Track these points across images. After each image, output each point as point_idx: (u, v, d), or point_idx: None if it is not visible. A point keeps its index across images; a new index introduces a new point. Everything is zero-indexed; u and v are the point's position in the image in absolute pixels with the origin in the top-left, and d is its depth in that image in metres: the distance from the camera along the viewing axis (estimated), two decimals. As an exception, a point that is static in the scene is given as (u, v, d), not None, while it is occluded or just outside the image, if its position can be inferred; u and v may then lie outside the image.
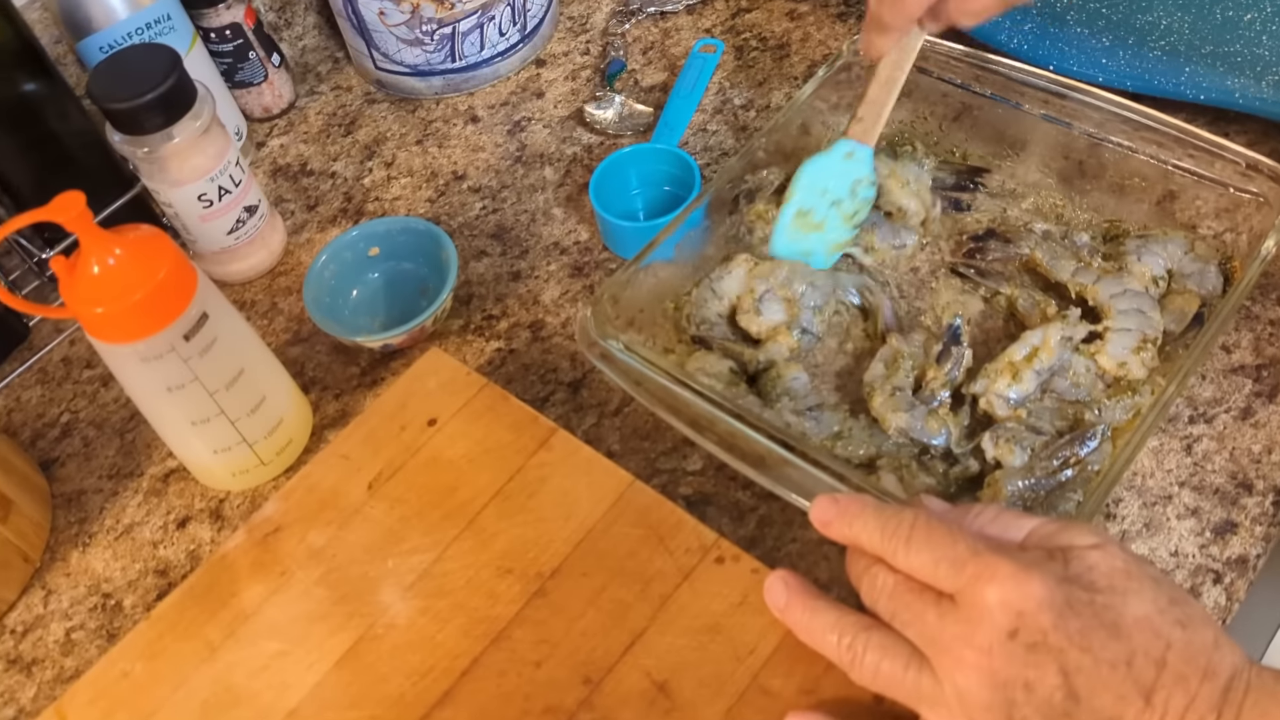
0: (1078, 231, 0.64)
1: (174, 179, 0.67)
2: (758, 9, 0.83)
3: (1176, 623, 0.42)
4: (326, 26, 0.88)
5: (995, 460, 0.54)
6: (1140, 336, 0.58)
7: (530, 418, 0.59)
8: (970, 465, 0.55)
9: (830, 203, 0.63)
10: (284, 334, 0.71)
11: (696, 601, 0.52)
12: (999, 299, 0.63)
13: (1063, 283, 0.62)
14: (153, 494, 0.65)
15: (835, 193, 0.63)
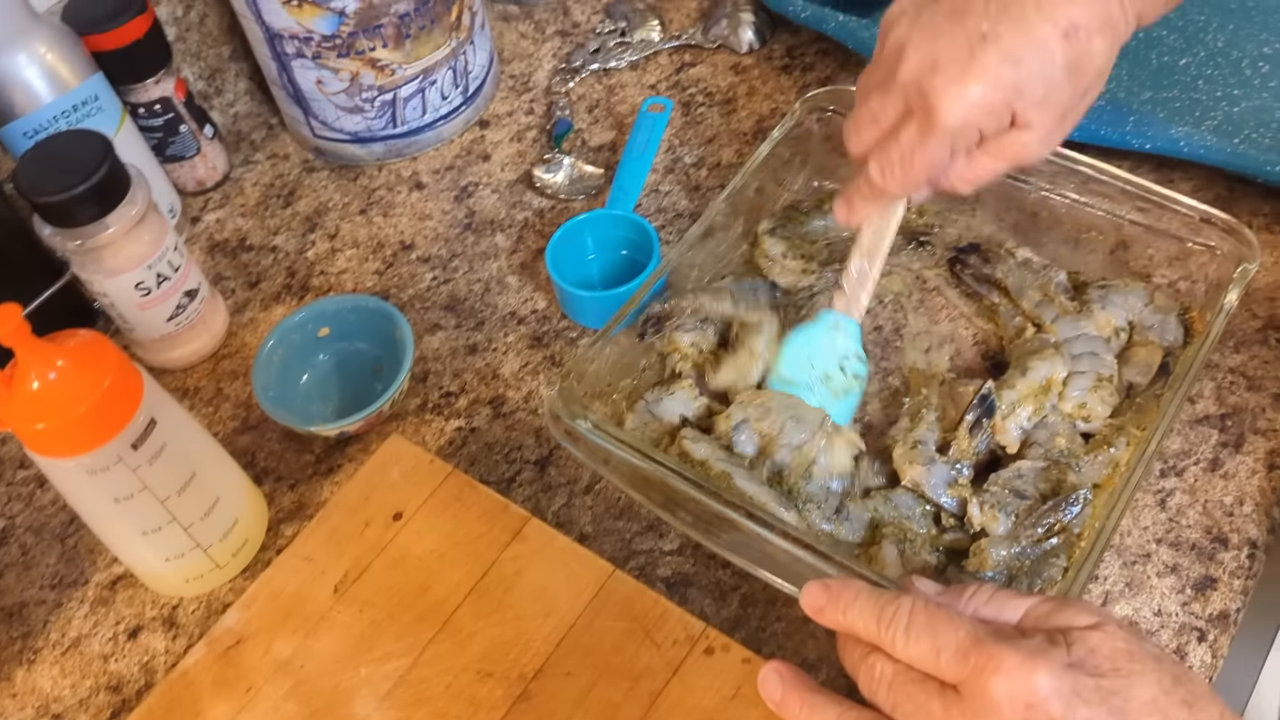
0: (1057, 269, 0.64)
1: (109, 269, 0.64)
2: (701, 63, 0.83)
3: (1183, 703, 0.41)
4: (259, 92, 0.85)
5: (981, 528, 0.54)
6: (1095, 376, 0.58)
7: (500, 507, 0.58)
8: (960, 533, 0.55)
9: (818, 377, 0.60)
10: (231, 422, 0.68)
11: (688, 697, 0.50)
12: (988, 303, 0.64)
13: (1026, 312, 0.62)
14: (100, 603, 0.61)
15: (822, 367, 0.60)
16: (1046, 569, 0.53)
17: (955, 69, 0.48)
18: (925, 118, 0.49)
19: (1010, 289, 0.64)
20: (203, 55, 0.81)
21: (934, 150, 0.50)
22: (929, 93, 0.48)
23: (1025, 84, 0.48)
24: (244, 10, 0.73)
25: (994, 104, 0.48)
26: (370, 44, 0.73)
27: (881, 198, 0.55)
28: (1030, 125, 0.50)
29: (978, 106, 0.48)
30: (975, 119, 0.49)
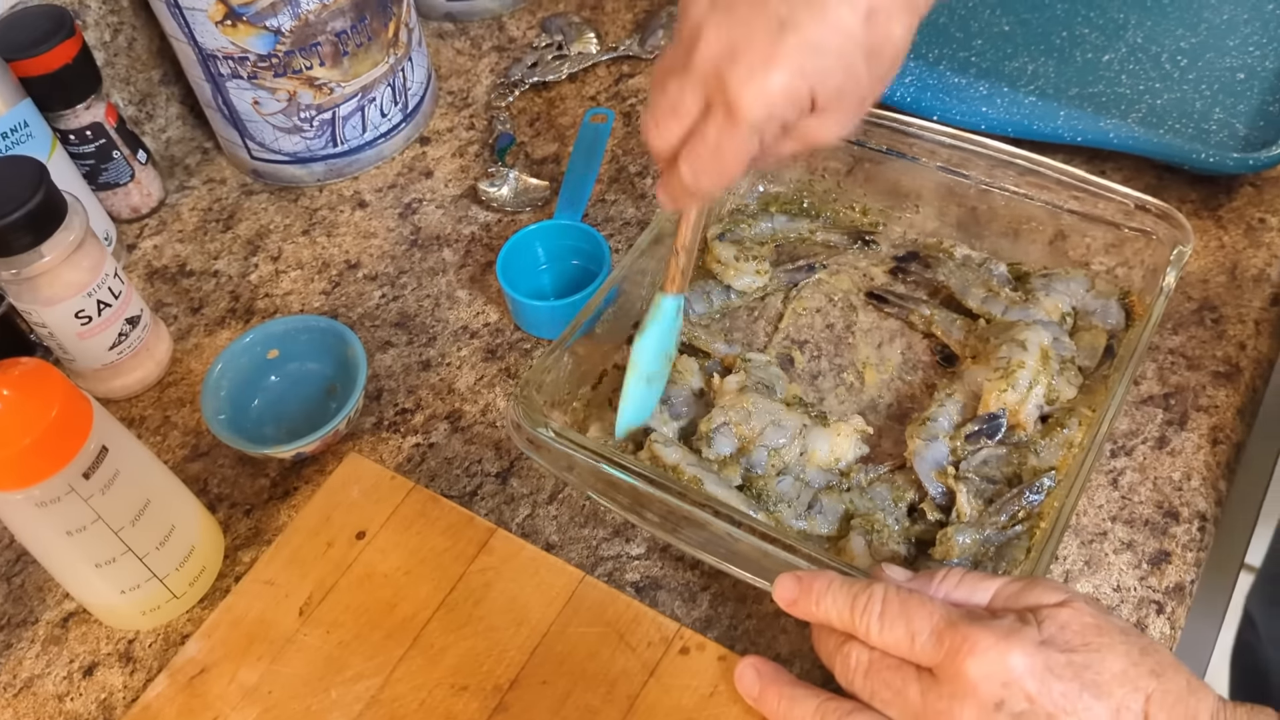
0: (996, 262, 0.65)
1: (47, 297, 0.62)
2: (640, 74, 0.83)
3: (1151, 673, 0.43)
4: (191, 116, 0.84)
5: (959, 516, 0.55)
6: (1059, 358, 0.60)
7: (465, 519, 0.57)
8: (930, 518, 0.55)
9: (667, 358, 0.60)
10: (181, 450, 0.66)
11: (666, 698, 0.50)
12: (917, 318, 0.65)
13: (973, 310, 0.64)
14: (51, 642, 0.59)
15: (671, 349, 0.60)
16: (1010, 552, 0.54)
17: (756, 58, 0.45)
18: (728, 113, 0.46)
19: (954, 290, 0.65)
20: (132, 80, 0.79)
21: (742, 146, 0.48)
22: (729, 85, 0.46)
23: (826, 72, 0.46)
24: (175, 33, 0.72)
25: (796, 93, 0.46)
26: (307, 62, 0.72)
27: (699, 195, 0.52)
28: (828, 110, 0.48)
29: (780, 97, 0.46)
30: (778, 111, 0.47)
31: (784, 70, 0.45)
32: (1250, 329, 0.63)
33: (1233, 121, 0.72)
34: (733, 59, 0.46)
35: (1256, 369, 0.62)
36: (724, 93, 0.46)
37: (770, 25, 0.45)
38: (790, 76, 0.46)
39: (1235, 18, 0.77)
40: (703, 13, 0.47)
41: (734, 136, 0.47)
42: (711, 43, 0.46)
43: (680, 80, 0.48)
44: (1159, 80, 0.74)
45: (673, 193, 0.52)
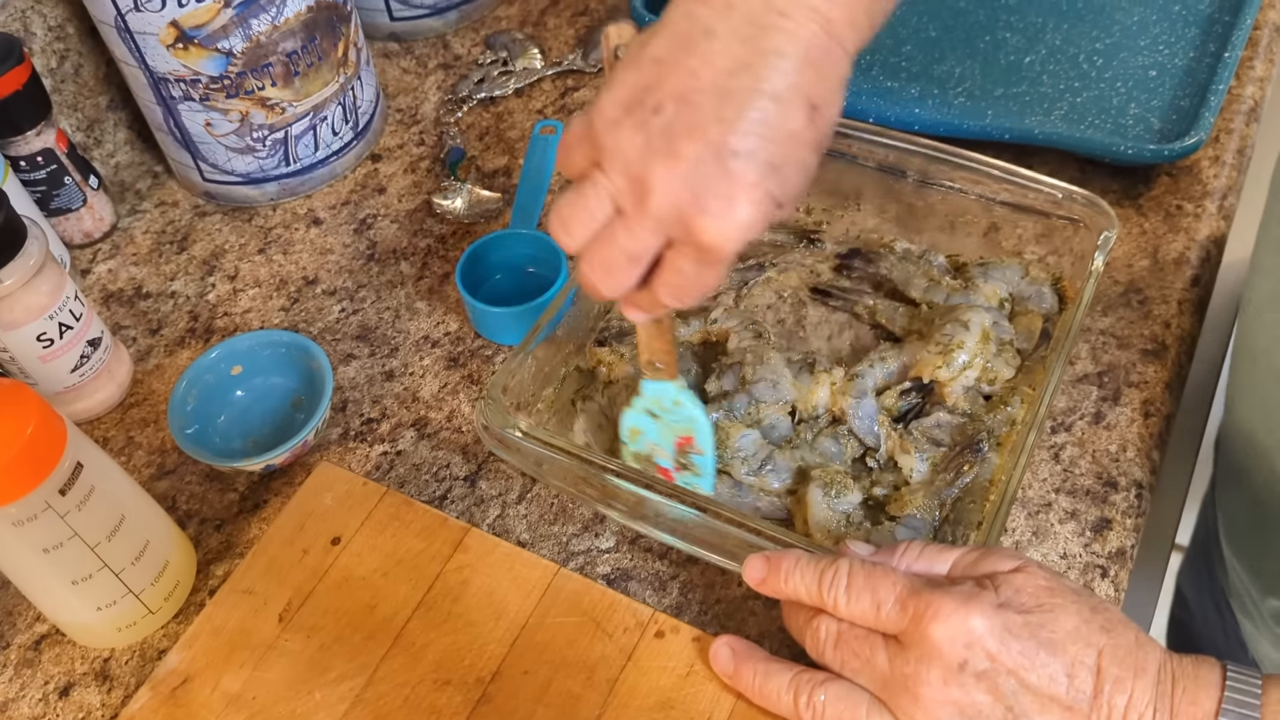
0: (935, 254, 0.69)
1: (8, 321, 0.62)
2: (585, 87, 0.86)
3: (1102, 629, 0.45)
4: (140, 141, 0.84)
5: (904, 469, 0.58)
6: (998, 340, 0.63)
7: (439, 521, 0.58)
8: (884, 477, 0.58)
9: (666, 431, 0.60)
10: (147, 469, 0.67)
11: (644, 680, 0.52)
12: (862, 309, 0.68)
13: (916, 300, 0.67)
14: (25, 665, 0.59)
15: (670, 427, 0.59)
16: (965, 516, 0.57)
17: (720, 202, 0.43)
18: (699, 251, 0.45)
19: (897, 282, 0.68)
20: (80, 106, 0.80)
21: (722, 272, 0.46)
22: (701, 231, 0.44)
23: (786, 182, 0.44)
24: (125, 57, 0.72)
25: (765, 214, 0.44)
26: (259, 83, 0.73)
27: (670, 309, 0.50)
28: (787, 204, 0.46)
29: (752, 224, 0.44)
30: (749, 235, 0.45)
31: (751, 201, 0.44)
32: (1174, 308, 0.67)
33: (1148, 116, 0.76)
34: (698, 206, 0.43)
35: (1181, 345, 0.66)
36: (694, 237, 0.44)
37: (724, 160, 0.43)
38: (758, 204, 0.44)
39: (1145, 19, 0.82)
40: (638, 155, 0.44)
41: (713, 269, 0.46)
42: (667, 190, 0.44)
43: (631, 232, 0.45)
44: (1078, 79, 0.79)
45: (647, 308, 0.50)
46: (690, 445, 0.59)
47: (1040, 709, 0.45)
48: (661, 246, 0.46)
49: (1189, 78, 0.78)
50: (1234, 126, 0.76)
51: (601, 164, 0.45)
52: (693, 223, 0.44)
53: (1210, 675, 0.45)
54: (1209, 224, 0.71)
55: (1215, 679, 0.45)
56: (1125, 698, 0.44)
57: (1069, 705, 0.45)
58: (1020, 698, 0.45)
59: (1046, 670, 0.45)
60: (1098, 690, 0.45)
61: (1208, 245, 0.70)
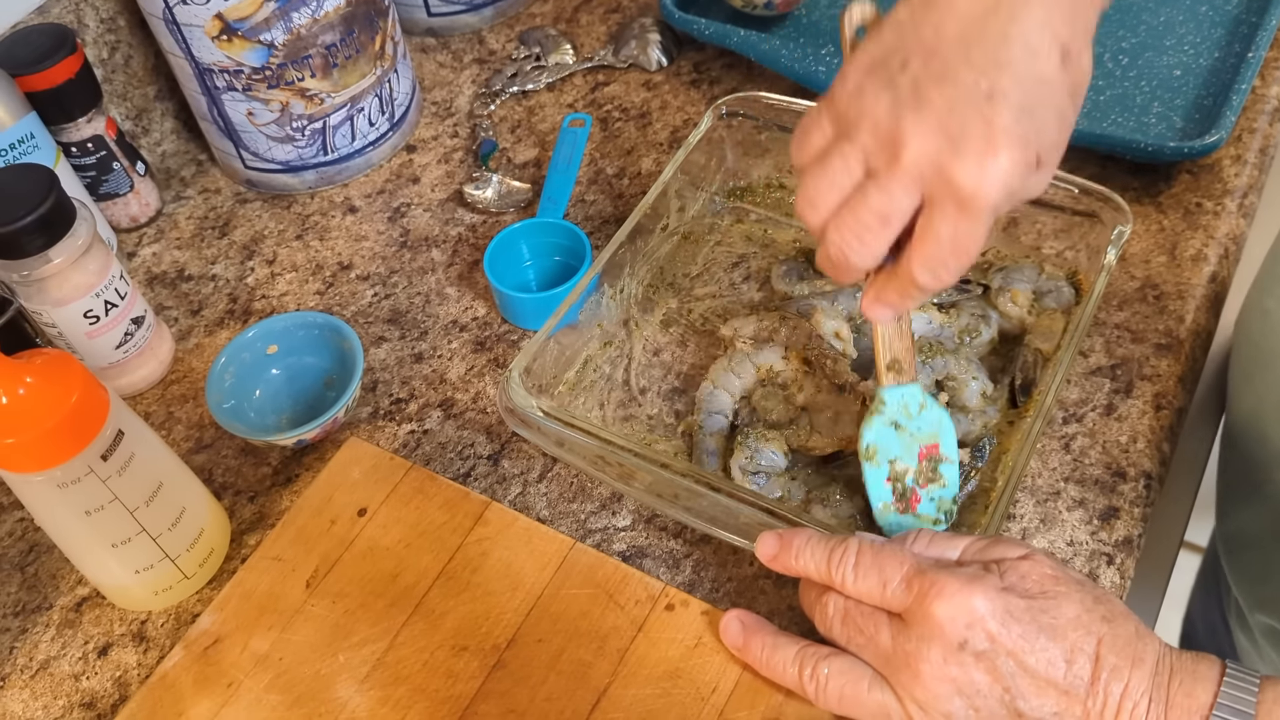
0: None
1: (57, 299, 0.65)
2: (615, 82, 0.88)
3: (1103, 619, 0.46)
4: (185, 130, 0.87)
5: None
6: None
7: (461, 495, 0.61)
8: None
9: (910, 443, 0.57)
10: (186, 443, 0.69)
11: (654, 650, 0.54)
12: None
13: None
14: (66, 625, 0.62)
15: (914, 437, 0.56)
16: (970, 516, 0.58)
17: (978, 143, 0.42)
18: (961, 205, 0.43)
19: None
20: (129, 96, 0.83)
21: (982, 233, 0.44)
22: (958, 178, 0.43)
23: (1043, 129, 0.44)
24: (173, 48, 0.75)
25: (1026, 162, 0.43)
26: (299, 74, 0.76)
27: (930, 292, 0.48)
28: (1046, 164, 0.45)
29: (1014, 173, 0.43)
30: (1012, 185, 0.43)
31: (1010, 145, 0.42)
32: (1189, 304, 0.68)
33: (1171, 114, 0.77)
34: (954, 151, 0.42)
35: (1195, 340, 0.67)
36: (952, 186, 0.43)
37: (978, 103, 0.42)
38: (1018, 149, 0.43)
39: (1171, 19, 0.82)
40: (888, 110, 0.43)
41: (974, 226, 0.44)
42: (922, 139, 0.43)
43: (883, 189, 0.44)
44: (1102, 78, 0.79)
45: (889, 299, 0.48)
46: (936, 452, 0.56)
47: (1037, 692, 0.46)
48: (915, 208, 0.44)
49: (1213, 77, 0.78)
50: (1257, 126, 0.77)
51: (847, 133, 0.44)
52: (950, 169, 0.42)
53: (1209, 671, 0.46)
54: (1228, 222, 0.72)
55: (1213, 675, 0.46)
56: (1121, 686, 0.45)
57: (1066, 690, 0.46)
58: (1018, 679, 0.46)
59: (1045, 654, 0.46)
60: (1095, 677, 0.46)
61: (1226, 243, 0.71)
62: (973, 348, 0.65)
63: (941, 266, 0.45)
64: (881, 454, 0.56)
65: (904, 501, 0.56)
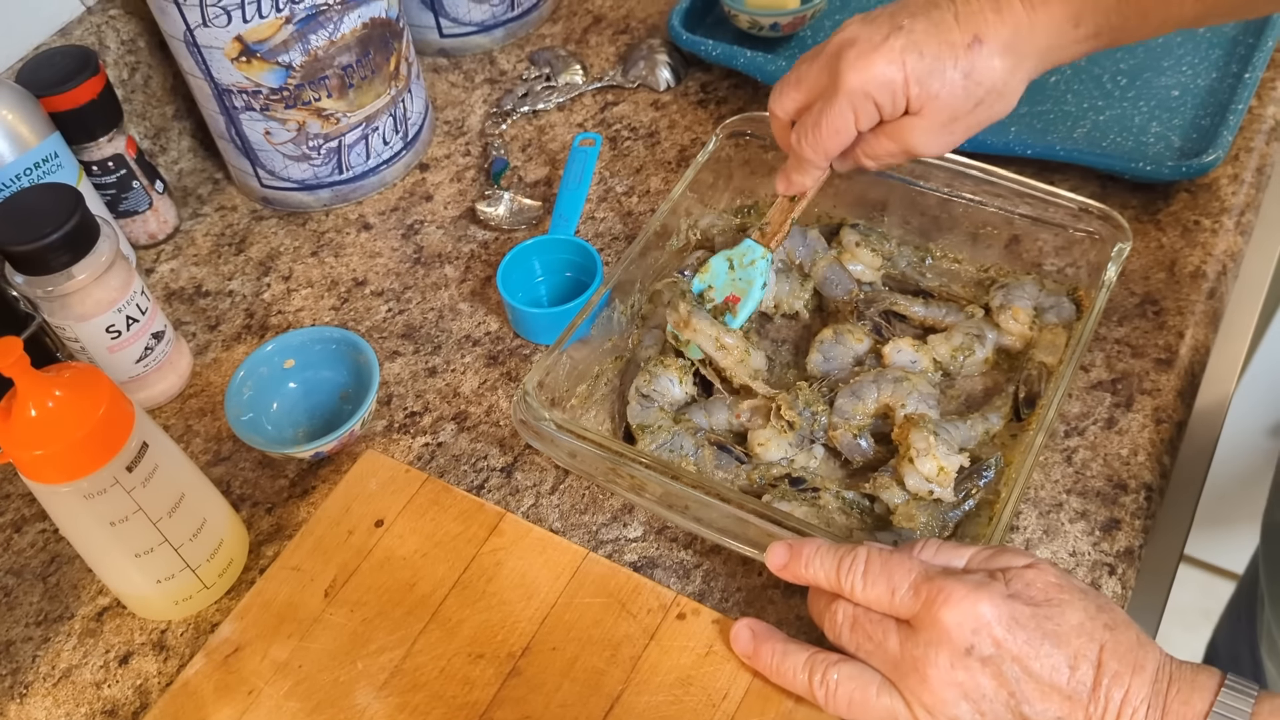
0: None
1: (80, 314, 0.67)
2: (624, 102, 0.89)
3: (1105, 626, 0.48)
4: (202, 149, 0.89)
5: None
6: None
7: (476, 506, 0.62)
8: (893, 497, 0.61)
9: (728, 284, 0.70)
10: (204, 455, 0.71)
11: (666, 658, 0.55)
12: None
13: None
14: (88, 634, 0.63)
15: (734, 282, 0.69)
16: (972, 528, 0.59)
17: (867, 46, 0.56)
18: (832, 84, 0.58)
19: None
20: (148, 115, 0.85)
21: (837, 115, 0.58)
22: (840, 60, 0.57)
23: (924, 75, 0.56)
24: (193, 69, 0.77)
25: (890, 81, 0.56)
26: (316, 94, 0.77)
27: (804, 165, 0.63)
28: (922, 113, 0.57)
29: (875, 79, 0.56)
30: (872, 89, 0.57)
31: (885, 58, 0.56)
32: (1188, 320, 0.69)
33: (1169, 134, 0.78)
34: (852, 44, 0.57)
35: (1194, 355, 0.68)
36: (834, 67, 0.57)
37: (890, 28, 0.56)
38: (888, 64, 0.56)
39: (1170, 40, 0.84)
40: (851, 22, 0.59)
41: (831, 105, 0.58)
42: (843, 34, 0.58)
43: (810, 62, 0.60)
44: (1101, 98, 0.81)
45: (787, 172, 0.64)
46: (735, 305, 0.68)
47: (1041, 696, 0.47)
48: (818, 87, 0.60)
49: (1211, 97, 0.80)
50: (1254, 145, 0.78)
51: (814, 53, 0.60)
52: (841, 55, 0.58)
53: (1208, 681, 0.47)
54: (1226, 239, 0.73)
55: (1211, 685, 0.47)
56: (1122, 692, 0.47)
57: (1069, 695, 0.47)
58: (1023, 684, 0.47)
59: (1050, 660, 0.47)
60: (1097, 683, 0.47)
61: (1224, 260, 0.72)
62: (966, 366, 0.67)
63: (803, 132, 0.61)
64: (707, 277, 0.70)
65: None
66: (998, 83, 0.57)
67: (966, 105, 0.57)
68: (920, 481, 0.60)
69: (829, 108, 0.58)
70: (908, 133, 0.59)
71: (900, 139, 0.59)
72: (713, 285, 0.70)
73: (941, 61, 0.56)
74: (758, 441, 0.64)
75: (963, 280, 0.72)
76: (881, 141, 0.60)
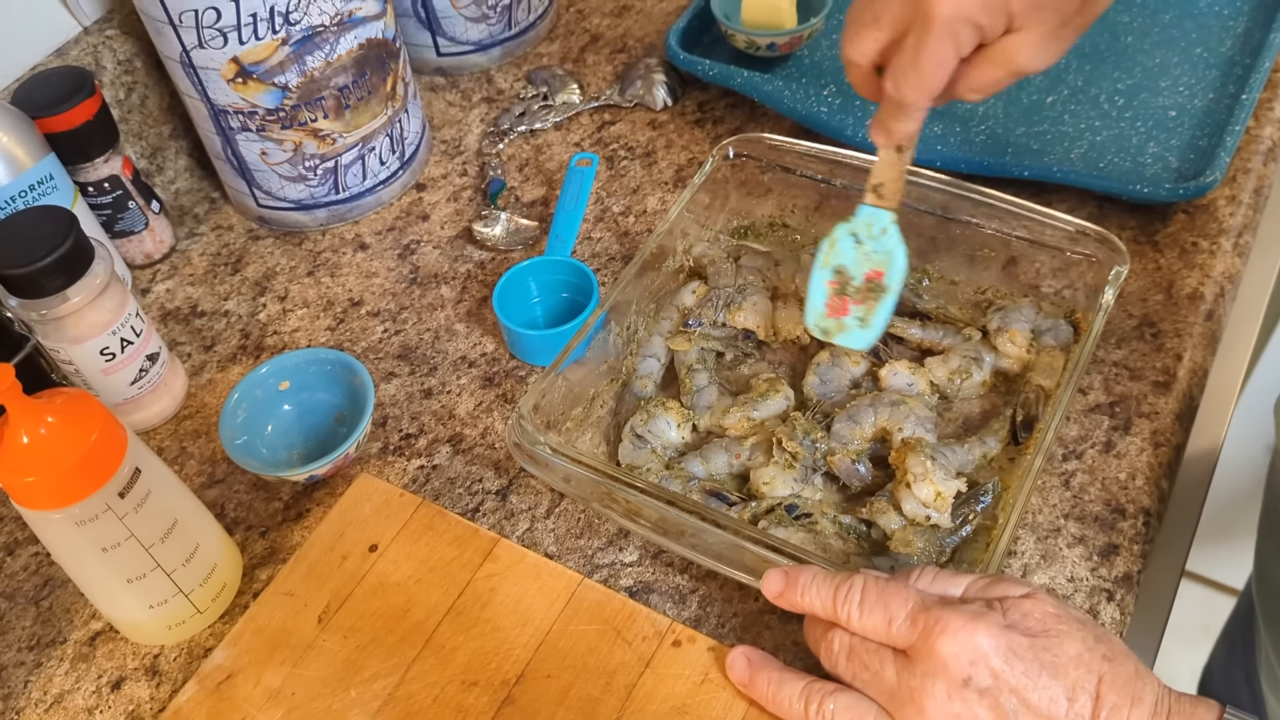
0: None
1: (74, 336, 0.66)
2: (621, 121, 0.89)
3: (1104, 658, 0.47)
4: (198, 169, 0.89)
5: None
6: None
7: (471, 531, 0.62)
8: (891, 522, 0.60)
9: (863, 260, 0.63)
10: (198, 478, 0.70)
11: (661, 686, 0.54)
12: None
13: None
14: (80, 659, 0.63)
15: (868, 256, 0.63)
16: (969, 554, 0.59)
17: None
18: (922, 17, 0.51)
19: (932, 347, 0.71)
20: (144, 135, 0.85)
21: (935, 48, 0.52)
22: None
23: None
24: (189, 90, 0.77)
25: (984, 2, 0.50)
26: (312, 115, 0.77)
27: (905, 109, 0.56)
28: (1026, 28, 0.52)
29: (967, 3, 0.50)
30: (970, 11, 0.50)
31: None
32: (1186, 342, 0.69)
33: (1166, 155, 0.78)
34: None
35: (1192, 378, 0.68)
36: (920, 7, 0.51)
37: None
38: None
39: (1166, 61, 0.84)
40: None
41: (927, 37, 0.52)
42: None
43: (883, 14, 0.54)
44: (1098, 119, 0.81)
45: (883, 121, 0.58)
46: (880, 279, 0.63)
47: None
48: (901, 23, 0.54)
49: (1208, 118, 0.80)
50: (1251, 166, 0.78)
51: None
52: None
53: (1207, 715, 0.47)
54: (1224, 261, 0.73)
55: (1210, 718, 0.47)
56: None
57: None
58: (1021, 716, 0.47)
59: (1048, 692, 0.47)
60: (1095, 715, 0.46)
61: (1222, 281, 0.72)
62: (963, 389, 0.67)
63: (901, 74, 0.54)
64: (834, 257, 0.63)
65: (835, 305, 0.63)
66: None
67: (1073, 4, 0.52)
68: (917, 507, 0.59)
69: (925, 41, 0.52)
70: (1014, 51, 0.53)
71: (1006, 61, 0.53)
72: (843, 265, 0.63)
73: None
74: (762, 481, 0.62)
75: (959, 302, 0.72)
76: (985, 69, 0.54)
